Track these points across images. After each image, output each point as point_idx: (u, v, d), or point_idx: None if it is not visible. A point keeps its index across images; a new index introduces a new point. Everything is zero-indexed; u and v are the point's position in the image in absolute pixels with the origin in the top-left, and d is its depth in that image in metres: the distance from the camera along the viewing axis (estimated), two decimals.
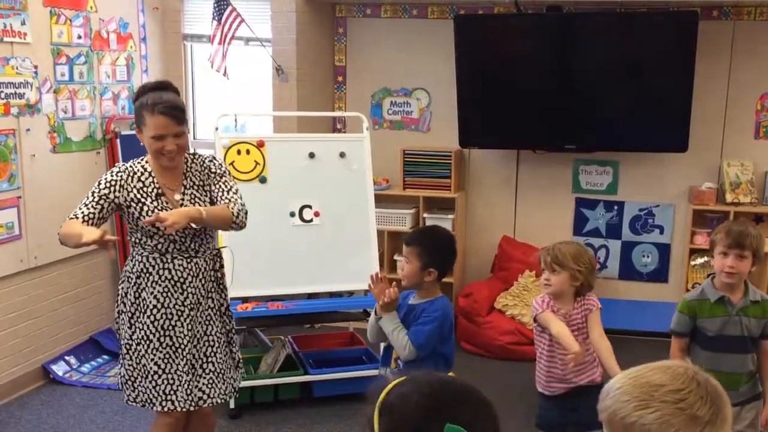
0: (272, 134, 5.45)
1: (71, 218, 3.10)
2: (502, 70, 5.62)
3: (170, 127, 3.10)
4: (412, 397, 1.22)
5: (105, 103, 5.26)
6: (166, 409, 3.22)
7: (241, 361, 3.49)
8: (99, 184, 3.15)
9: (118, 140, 5.23)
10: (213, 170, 3.28)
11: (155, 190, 3.17)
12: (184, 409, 3.24)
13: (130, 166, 3.20)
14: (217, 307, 3.34)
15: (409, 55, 5.97)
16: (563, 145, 5.60)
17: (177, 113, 3.12)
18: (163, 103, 3.11)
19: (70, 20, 4.91)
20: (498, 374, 4.89)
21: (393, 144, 5.91)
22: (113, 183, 3.14)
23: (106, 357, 5.13)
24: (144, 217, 3.10)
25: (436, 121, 6.01)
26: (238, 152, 4.65)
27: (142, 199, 3.15)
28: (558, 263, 3.14)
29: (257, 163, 4.68)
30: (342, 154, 4.83)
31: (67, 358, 4.97)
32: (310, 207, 4.73)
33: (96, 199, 3.12)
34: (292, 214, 4.70)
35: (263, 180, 4.67)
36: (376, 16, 5.99)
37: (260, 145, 4.70)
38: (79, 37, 5.00)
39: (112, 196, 3.13)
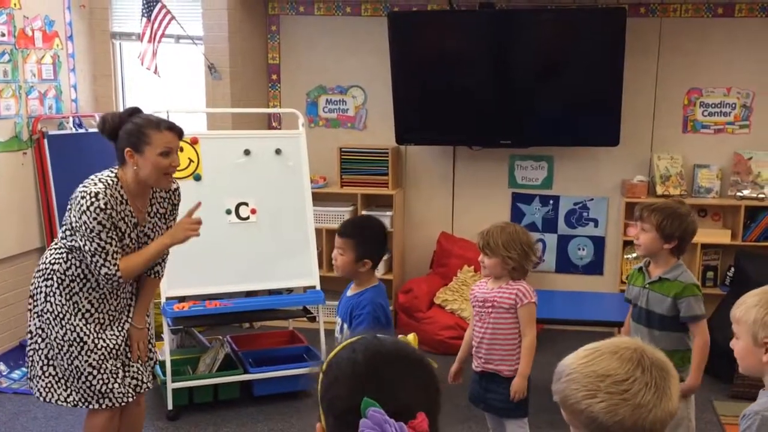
0: (206, 131, 5.36)
1: (117, 258, 3.05)
2: (436, 67, 5.64)
3: (176, 142, 3.10)
4: (350, 358, 1.26)
5: (31, 103, 5.11)
6: (104, 406, 3.19)
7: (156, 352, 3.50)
8: (102, 216, 2.98)
9: (45, 140, 5.08)
10: (175, 203, 3.32)
11: (133, 220, 3.12)
12: (123, 403, 3.22)
13: (111, 195, 3.02)
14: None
15: (343, 52, 5.95)
16: (499, 141, 5.66)
17: (179, 129, 3.14)
18: (165, 120, 3.14)
19: None
20: (439, 369, 4.88)
21: (329, 142, 5.89)
22: (109, 215, 3.00)
23: None
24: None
25: (372, 118, 6.00)
26: None
27: (124, 229, 3.09)
28: (489, 249, 3.17)
29: (191, 161, 4.59)
30: (278, 151, 4.78)
31: None
32: (246, 204, 4.66)
33: (112, 237, 3.04)
34: (228, 212, 4.62)
35: (198, 177, 4.58)
36: (309, 14, 5.96)
37: (194, 142, 4.61)
38: (3, 34, 4.85)
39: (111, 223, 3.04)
